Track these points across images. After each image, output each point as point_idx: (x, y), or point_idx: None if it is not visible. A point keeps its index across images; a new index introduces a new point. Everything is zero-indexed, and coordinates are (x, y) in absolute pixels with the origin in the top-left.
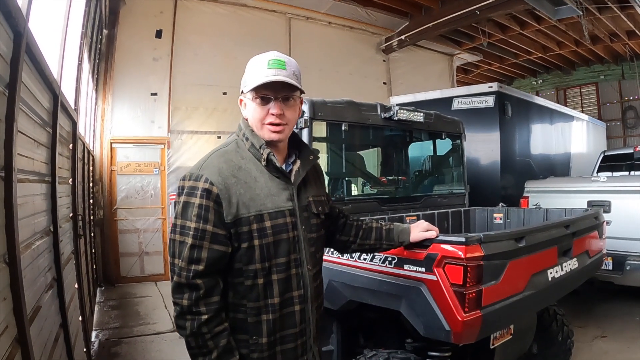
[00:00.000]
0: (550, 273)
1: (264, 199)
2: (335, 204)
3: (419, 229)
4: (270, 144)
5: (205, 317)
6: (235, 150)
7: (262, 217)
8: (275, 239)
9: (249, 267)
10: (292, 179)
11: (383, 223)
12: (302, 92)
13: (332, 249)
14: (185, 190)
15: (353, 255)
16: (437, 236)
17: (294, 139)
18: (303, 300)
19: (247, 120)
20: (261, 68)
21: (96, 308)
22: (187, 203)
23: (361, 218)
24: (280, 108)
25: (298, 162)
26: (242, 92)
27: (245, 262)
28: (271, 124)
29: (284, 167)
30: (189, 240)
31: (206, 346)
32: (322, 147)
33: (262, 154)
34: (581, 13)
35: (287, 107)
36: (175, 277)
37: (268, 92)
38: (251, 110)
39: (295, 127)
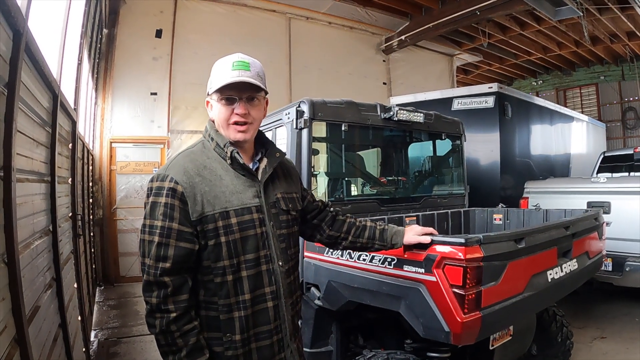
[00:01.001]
0: (550, 274)
1: (229, 196)
2: (334, 203)
3: (413, 232)
4: (235, 143)
5: (174, 315)
6: (201, 151)
7: (227, 214)
8: (242, 235)
9: (217, 264)
10: (259, 176)
11: (377, 223)
12: (266, 92)
13: (330, 250)
14: (152, 191)
15: (352, 255)
16: (431, 242)
17: (260, 138)
18: (276, 297)
19: (213, 121)
20: (226, 70)
21: (95, 308)
22: (155, 203)
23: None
24: (245, 108)
25: (265, 160)
26: (208, 94)
27: (213, 259)
28: (236, 123)
29: (250, 165)
30: (156, 239)
31: (175, 344)
32: (321, 148)
33: (227, 153)
34: (581, 14)
35: (251, 106)
36: (144, 276)
37: (232, 92)
38: (217, 111)
39: (294, 126)
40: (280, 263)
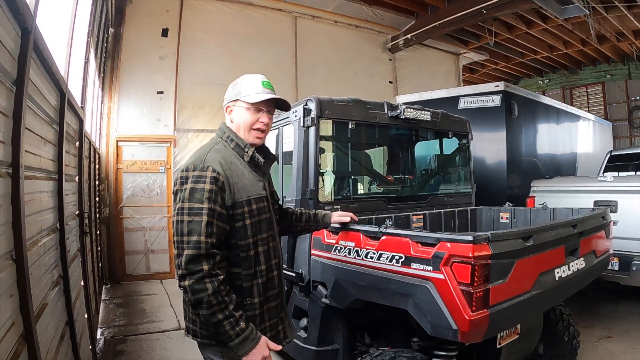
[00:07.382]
0: (558, 272)
1: (250, 187)
2: (341, 202)
3: (337, 215)
4: (251, 145)
5: (221, 277)
6: (225, 149)
7: (250, 202)
8: (260, 219)
9: (242, 242)
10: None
11: (309, 210)
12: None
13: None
14: (191, 179)
15: (360, 253)
16: (352, 221)
17: None
18: (278, 267)
19: (232, 124)
20: (257, 86)
21: (102, 306)
22: (195, 189)
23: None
24: (269, 118)
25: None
26: (235, 100)
27: (239, 238)
28: (258, 129)
29: None
30: (205, 219)
31: (224, 302)
32: (328, 146)
33: (247, 152)
34: (588, 12)
35: (269, 117)
36: (190, 251)
37: (263, 106)
38: (243, 116)
39: (302, 124)
40: (278, 241)
